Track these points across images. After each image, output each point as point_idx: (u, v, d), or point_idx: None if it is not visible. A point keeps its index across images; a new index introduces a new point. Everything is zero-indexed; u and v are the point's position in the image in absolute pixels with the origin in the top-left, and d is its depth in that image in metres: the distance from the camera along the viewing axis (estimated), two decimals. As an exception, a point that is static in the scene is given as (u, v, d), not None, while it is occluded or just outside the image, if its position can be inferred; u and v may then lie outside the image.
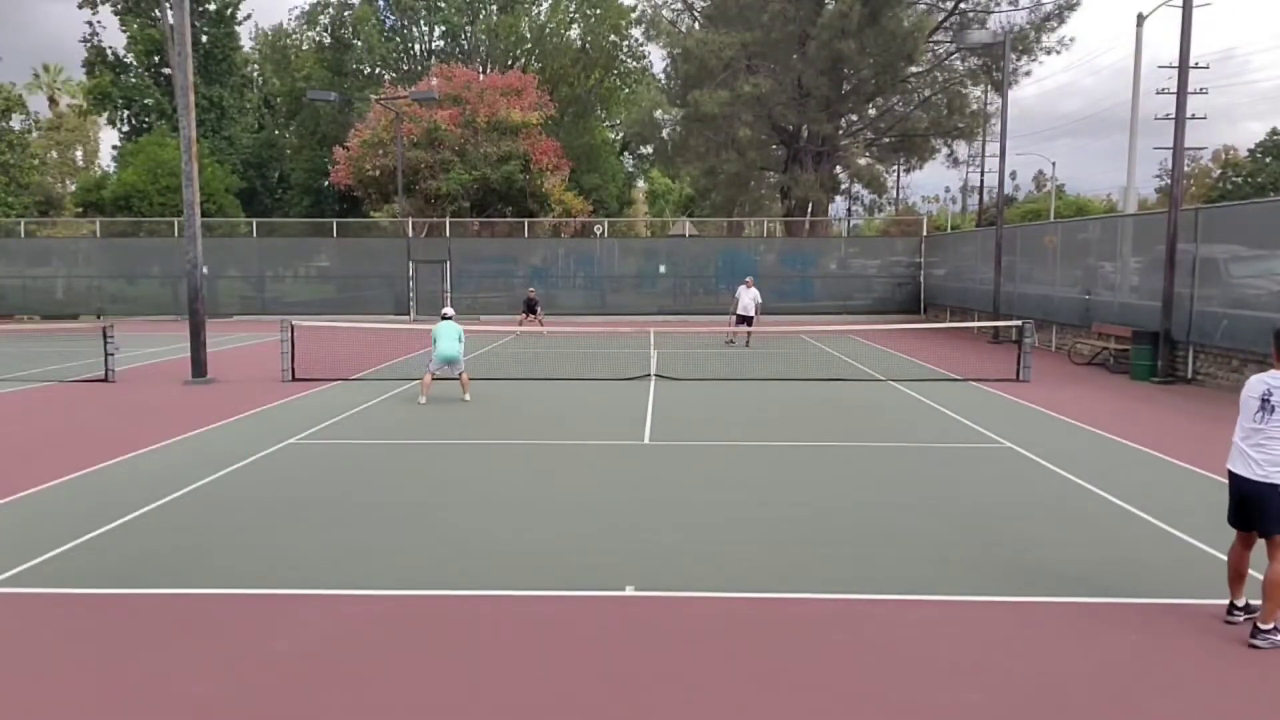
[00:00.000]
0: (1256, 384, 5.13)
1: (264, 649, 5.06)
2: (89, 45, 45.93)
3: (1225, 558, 5.51)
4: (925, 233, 36.41)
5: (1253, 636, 5.10)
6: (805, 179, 36.73)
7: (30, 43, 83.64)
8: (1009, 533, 7.19)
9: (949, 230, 48.37)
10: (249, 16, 67.02)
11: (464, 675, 4.76)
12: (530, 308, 26.07)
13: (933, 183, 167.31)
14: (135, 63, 46.29)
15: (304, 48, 53.33)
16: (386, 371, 17.29)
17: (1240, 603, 5.39)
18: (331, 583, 6.04)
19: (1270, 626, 5.07)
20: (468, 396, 13.75)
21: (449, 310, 14.57)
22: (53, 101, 59.03)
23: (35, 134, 51.41)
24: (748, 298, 22.09)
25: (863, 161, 41.04)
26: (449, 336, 13.73)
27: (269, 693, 4.57)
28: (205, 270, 17.78)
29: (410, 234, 34.09)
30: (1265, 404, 5.05)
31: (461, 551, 6.74)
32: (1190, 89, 16.35)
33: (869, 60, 35.21)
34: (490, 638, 5.22)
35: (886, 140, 40.31)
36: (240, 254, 35.03)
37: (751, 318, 22.08)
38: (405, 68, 51.15)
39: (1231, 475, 5.28)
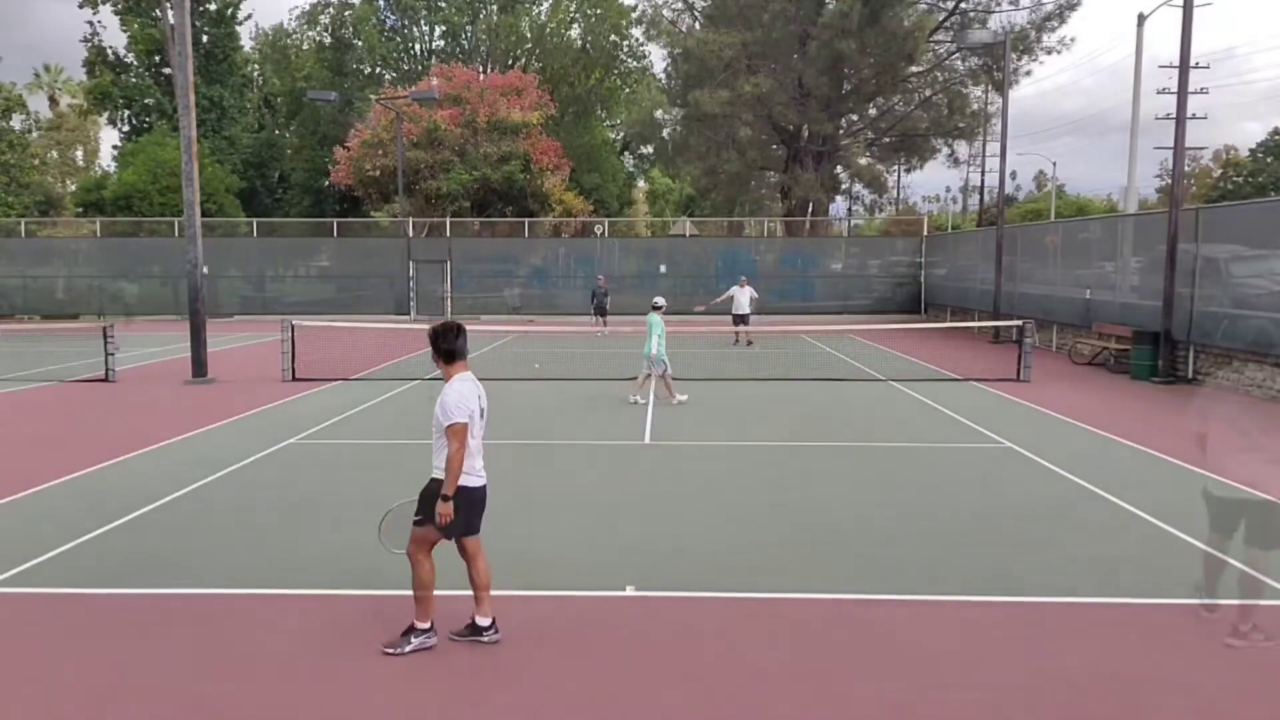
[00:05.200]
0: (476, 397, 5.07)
1: (264, 648, 5.06)
2: (89, 45, 45.85)
3: (1225, 557, 5.51)
4: (925, 233, 36.41)
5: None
6: (805, 179, 36.73)
7: (30, 42, 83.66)
8: (1009, 532, 7.20)
9: (949, 230, 48.35)
10: (249, 16, 66.99)
11: (464, 675, 4.76)
12: (600, 307, 24.71)
13: (933, 183, 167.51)
14: (135, 63, 46.22)
15: (304, 48, 53.29)
16: (387, 371, 17.29)
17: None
18: (331, 582, 6.04)
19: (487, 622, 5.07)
20: (657, 395, 13.74)
21: (658, 300, 14.18)
22: (53, 101, 58.98)
23: (35, 134, 51.43)
24: (744, 296, 22.12)
25: (863, 161, 41.06)
26: (648, 333, 13.55)
27: (269, 692, 4.57)
28: (205, 270, 17.77)
29: (410, 234, 34.10)
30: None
31: (461, 551, 6.72)
32: (1190, 89, 16.34)
33: (869, 60, 35.22)
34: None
35: (887, 140, 40.32)
36: (240, 254, 35.03)
37: (747, 315, 22.11)
38: (405, 68, 51.15)
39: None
